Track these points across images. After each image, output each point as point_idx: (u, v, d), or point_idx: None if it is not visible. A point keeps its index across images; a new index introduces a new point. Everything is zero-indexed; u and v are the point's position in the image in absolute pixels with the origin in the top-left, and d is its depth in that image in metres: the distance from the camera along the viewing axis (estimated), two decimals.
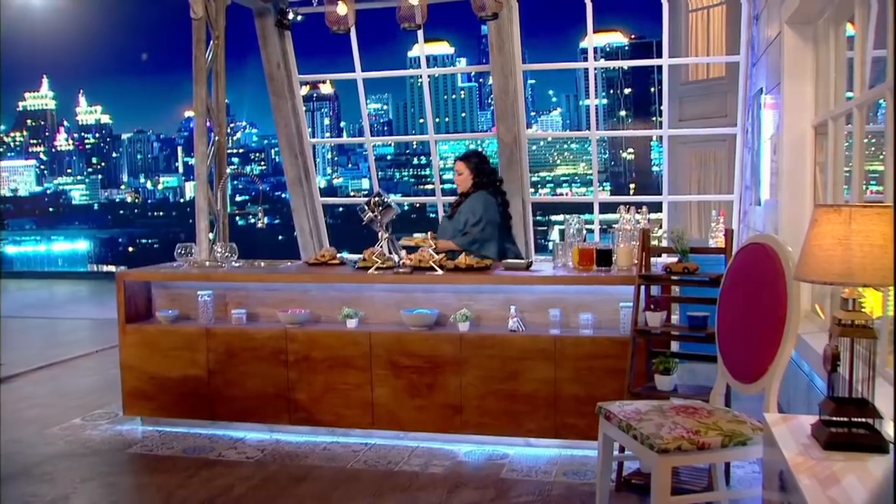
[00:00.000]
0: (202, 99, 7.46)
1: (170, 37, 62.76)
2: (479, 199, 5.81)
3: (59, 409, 5.89)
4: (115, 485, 4.38)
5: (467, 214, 5.79)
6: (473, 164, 5.96)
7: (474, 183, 5.93)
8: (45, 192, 23.86)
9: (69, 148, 26.86)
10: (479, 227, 5.72)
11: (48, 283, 15.47)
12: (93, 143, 27.23)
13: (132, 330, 5.24)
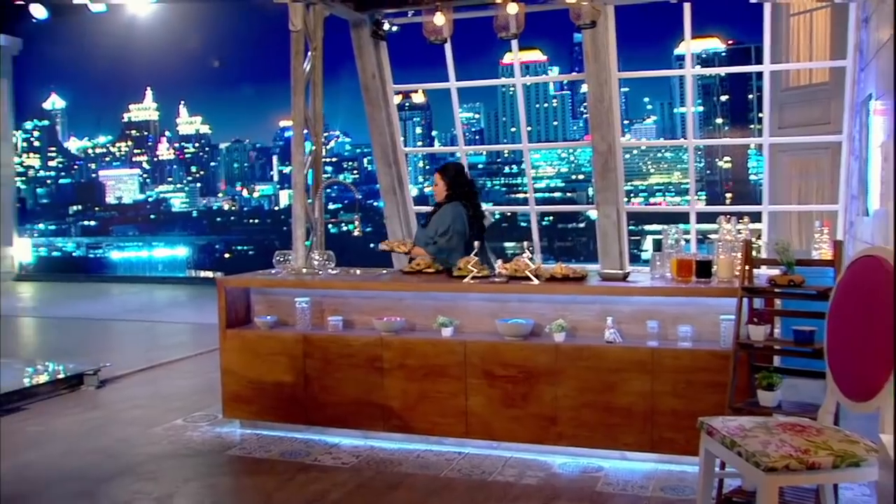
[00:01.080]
0: (300, 109, 7.62)
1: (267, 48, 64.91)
2: (449, 211, 6.04)
3: (161, 410, 6.09)
4: (216, 486, 4.51)
5: (437, 224, 6.04)
6: (450, 176, 6.19)
7: (448, 194, 6.15)
8: (147, 200, 24.99)
9: (170, 157, 28.02)
10: (445, 237, 5.95)
11: (149, 288, 16.03)
12: (192, 153, 28.33)
13: (232, 335, 5.39)
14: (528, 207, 10.98)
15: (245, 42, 27.34)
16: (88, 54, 19.45)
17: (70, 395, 6.56)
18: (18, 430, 5.59)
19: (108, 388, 6.85)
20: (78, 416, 5.97)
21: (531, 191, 11.21)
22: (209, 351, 8.30)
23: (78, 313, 11.95)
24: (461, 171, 6.35)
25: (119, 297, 14.70)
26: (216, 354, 7.92)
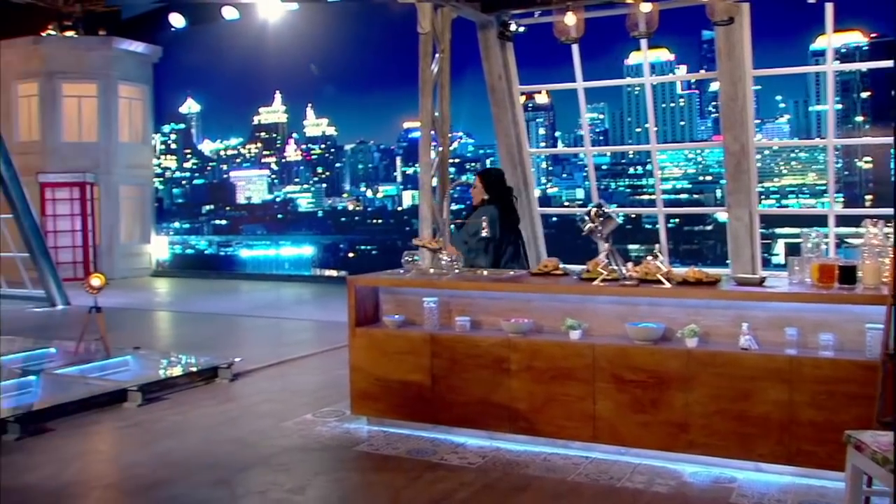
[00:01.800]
0: (427, 111, 7.74)
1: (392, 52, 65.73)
2: (484, 214, 6.28)
3: (291, 404, 6.30)
4: (345, 480, 4.63)
5: (471, 226, 6.36)
6: (488, 181, 6.56)
7: (484, 198, 6.50)
8: (275, 200, 25.88)
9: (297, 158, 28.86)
10: (476, 238, 6.28)
11: (276, 285, 16.60)
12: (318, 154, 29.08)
13: (361, 333, 5.52)
14: (654, 209, 10.77)
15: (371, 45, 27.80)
16: (222, 60, 20.51)
17: (205, 388, 6.88)
18: (160, 418, 5.90)
19: (241, 381, 7.13)
20: (213, 407, 6.25)
21: (658, 192, 10.99)
22: (334, 348, 8.54)
23: (209, 309, 12.51)
24: (501, 177, 6.71)
25: (248, 293, 15.29)
26: (342, 352, 8.15)
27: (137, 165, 19.28)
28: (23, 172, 13.43)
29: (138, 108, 19.40)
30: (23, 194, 13.06)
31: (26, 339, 9.09)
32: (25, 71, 18.19)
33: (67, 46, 18.11)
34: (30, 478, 4.66)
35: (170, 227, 18.00)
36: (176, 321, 11.88)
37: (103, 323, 7.67)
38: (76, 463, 4.99)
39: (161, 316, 12.45)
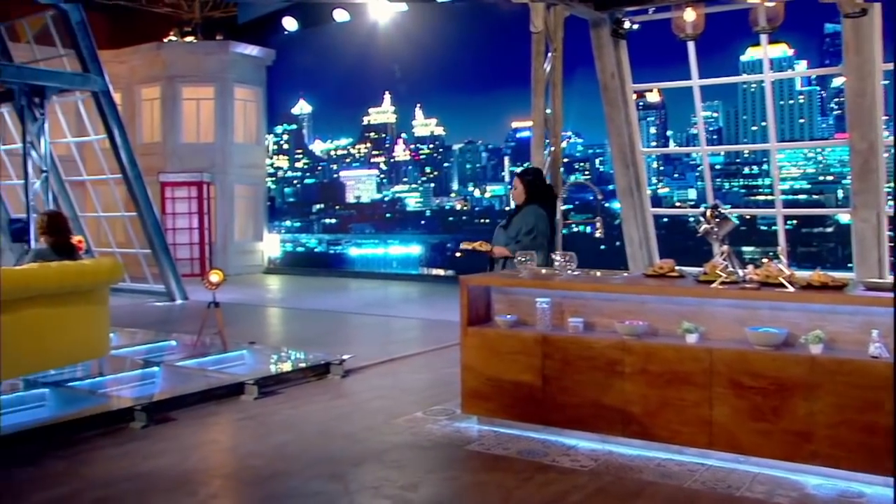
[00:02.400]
0: (540, 110, 7.72)
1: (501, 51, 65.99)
2: (532, 212, 6.54)
3: (401, 402, 6.39)
4: (457, 479, 4.67)
5: (520, 225, 6.52)
6: (528, 180, 6.69)
7: (527, 198, 6.63)
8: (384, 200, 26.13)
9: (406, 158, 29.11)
10: (530, 236, 6.43)
11: (384, 284, 16.85)
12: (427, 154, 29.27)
13: (473, 332, 5.55)
14: (772, 210, 10.43)
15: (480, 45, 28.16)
16: (333, 62, 21.10)
17: (318, 383, 7.05)
18: (275, 411, 6.08)
19: (352, 377, 7.27)
20: (326, 402, 6.40)
21: (777, 193, 10.64)
22: (443, 347, 8.62)
23: (319, 306, 12.81)
24: (539, 175, 6.84)
25: (357, 291, 15.58)
26: (450, 350, 8.23)
27: (251, 165, 19.93)
28: (145, 172, 14.06)
29: (252, 109, 20.04)
30: (146, 193, 13.68)
31: (147, 331, 9.53)
32: (149, 75, 19.05)
33: (187, 51, 18.87)
34: (156, 464, 4.88)
35: (281, 226, 18.54)
36: (287, 317, 12.22)
37: (221, 318, 7.96)
38: (197, 452, 5.20)
39: (273, 312, 12.82)
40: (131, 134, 14.19)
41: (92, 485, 4.55)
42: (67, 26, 12.99)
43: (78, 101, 15.55)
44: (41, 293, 5.87)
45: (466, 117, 19.05)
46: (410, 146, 19.80)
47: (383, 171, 19.82)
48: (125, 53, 18.72)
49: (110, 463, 4.93)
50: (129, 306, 12.43)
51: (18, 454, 5.02)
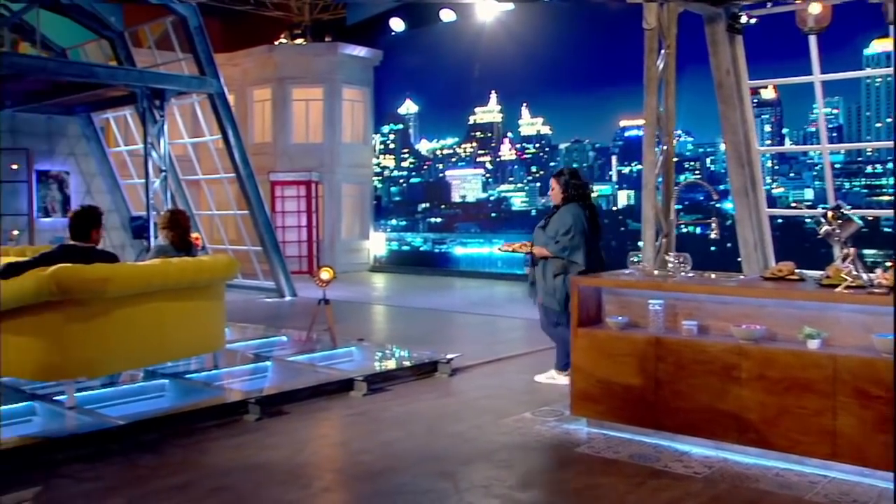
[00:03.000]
0: (652, 108, 7.59)
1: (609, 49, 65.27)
2: (569, 212, 6.70)
3: (509, 402, 6.39)
4: (567, 481, 4.64)
5: (557, 225, 6.70)
6: (563, 180, 6.83)
7: (564, 197, 6.79)
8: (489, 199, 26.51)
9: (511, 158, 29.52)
10: (568, 236, 6.61)
11: (489, 283, 16.88)
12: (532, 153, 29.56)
13: (583, 333, 5.51)
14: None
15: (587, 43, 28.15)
16: (439, 62, 21.42)
17: (426, 381, 7.12)
18: (384, 408, 6.18)
19: (459, 376, 7.31)
20: (434, 400, 6.46)
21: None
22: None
23: (424, 304, 12.93)
24: (575, 174, 6.98)
25: (461, 290, 15.67)
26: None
27: (358, 165, 20.31)
28: (256, 172, 14.51)
29: (360, 110, 20.42)
30: (258, 192, 14.11)
31: (257, 327, 9.82)
32: (260, 77, 19.63)
33: (297, 53, 19.37)
34: (270, 456, 5.03)
35: (387, 224, 18.80)
36: (393, 315, 12.39)
37: (331, 314, 8.14)
38: (309, 446, 5.33)
39: (378, 309, 13.02)
40: (243, 134, 14.67)
41: (210, 474, 4.73)
42: (186, 31, 13.53)
43: (195, 103, 16.16)
44: (162, 288, 6.14)
45: (573, 116, 18.90)
46: (516, 145, 19.80)
47: (489, 171, 19.90)
48: (238, 56, 19.36)
49: (226, 453, 5.11)
50: (240, 302, 12.84)
51: (141, 442, 5.26)
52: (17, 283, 5.46)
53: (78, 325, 5.56)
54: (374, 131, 21.33)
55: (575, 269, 6.57)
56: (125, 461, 4.94)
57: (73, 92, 13.77)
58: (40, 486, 4.51)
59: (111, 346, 5.79)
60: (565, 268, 6.67)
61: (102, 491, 4.43)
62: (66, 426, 5.50)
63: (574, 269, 6.57)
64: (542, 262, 6.83)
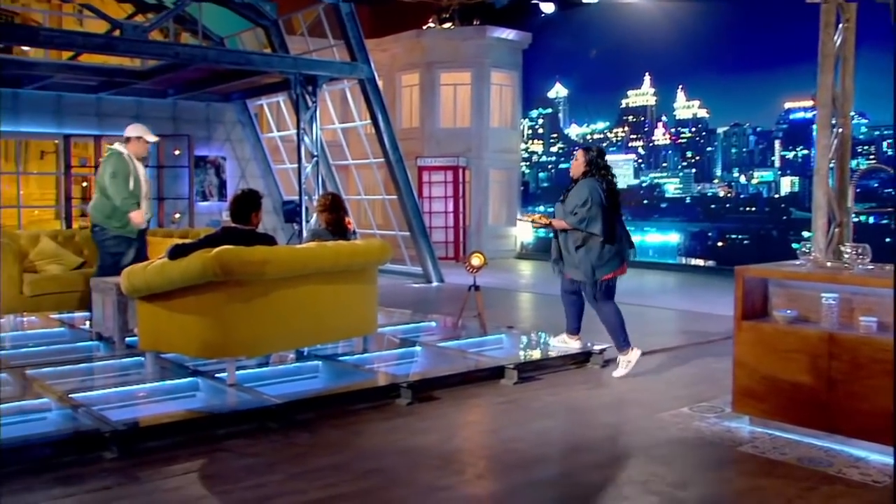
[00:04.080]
0: (827, 87, 7.21)
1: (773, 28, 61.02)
2: (586, 185, 6.93)
3: (664, 395, 6.26)
4: (730, 481, 4.51)
5: (575, 198, 6.92)
6: (591, 156, 7.03)
7: (584, 172, 7.02)
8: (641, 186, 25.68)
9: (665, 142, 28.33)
10: (585, 207, 6.80)
11: (639, 273, 16.52)
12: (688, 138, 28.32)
13: (748, 327, 5.31)
14: None
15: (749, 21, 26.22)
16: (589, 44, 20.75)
17: (577, 371, 7.07)
18: (535, 397, 6.18)
19: (612, 367, 7.21)
20: (586, 391, 6.41)
21: None
22: (707, 341, 8.36)
23: None
24: (602, 153, 7.16)
25: None
26: (715, 345, 8.00)
27: (506, 150, 20.33)
28: (404, 157, 14.75)
29: (508, 94, 20.40)
30: (406, 177, 14.37)
31: (405, 312, 10.00)
32: (408, 62, 19.95)
33: (445, 37, 19.56)
34: (422, 440, 5.13)
35: (535, 211, 18.80)
36: (541, 303, 12.34)
37: (481, 301, 8.20)
38: (461, 432, 5.40)
39: (526, 297, 13.01)
40: (392, 119, 14.94)
41: (364, 455, 4.86)
42: (338, 18, 13.90)
43: (346, 89, 16.60)
44: (318, 271, 6.36)
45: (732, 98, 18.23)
46: (671, 130, 19.30)
47: (641, 156, 19.52)
48: (386, 42, 19.74)
49: (380, 436, 5.24)
50: (387, 286, 13.11)
51: (297, 420, 5.47)
52: (183, 264, 5.79)
53: (239, 306, 5.84)
54: (522, 116, 21.30)
55: (594, 241, 6.85)
56: (283, 439, 5.15)
57: (231, 79, 14.42)
58: (205, 458, 4.77)
59: (269, 327, 6.06)
60: (585, 240, 6.90)
61: (263, 466, 4.63)
62: (227, 402, 5.78)
63: (594, 241, 6.86)
64: (564, 235, 7.05)
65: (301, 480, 4.43)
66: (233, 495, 4.23)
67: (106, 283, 7.43)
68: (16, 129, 14.66)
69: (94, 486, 4.31)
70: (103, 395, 5.88)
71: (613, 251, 6.92)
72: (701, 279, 15.05)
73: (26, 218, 16.32)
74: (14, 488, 4.25)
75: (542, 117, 18.62)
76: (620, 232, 7.03)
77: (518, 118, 21.10)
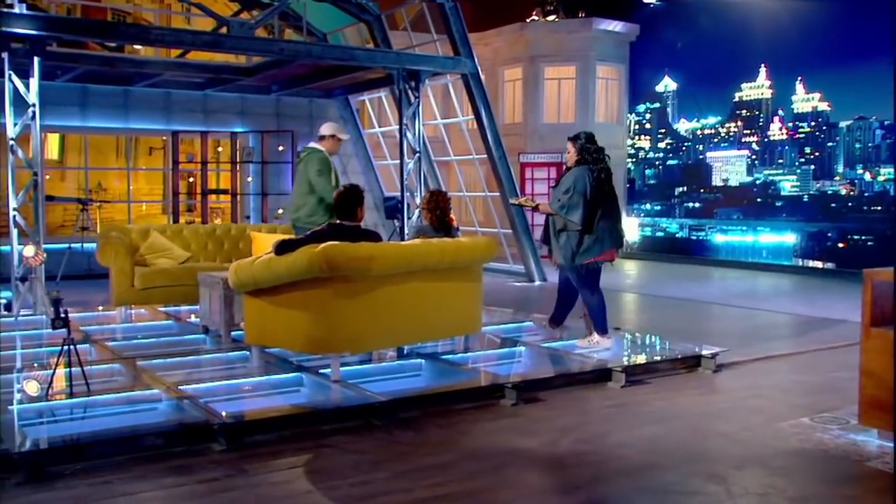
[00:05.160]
0: None
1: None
2: (574, 173, 7.35)
3: (782, 404, 6.08)
4: (857, 499, 4.34)
5: (564, 186, 7.36)
6: (579, 144, 7.44)
7: (577, 160, 7.42)
8: (754, 183, 24.71)
9: (782, 138, 27.26)
10: (567, 195, 7.24)
11: (751, 274, 16.11)
12: (807, 133, 27.14)
13: (877, 334, 5.10)
14: None
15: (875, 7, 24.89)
16: (701, 35, 20.14)
17: (688, 375, 6.93)
18: (644, 402, 6.08)
19: (725, 373, 7.05)
20: (698, 397, 6.27)
21: None
22: (828, 348, 8.08)
23: (679, 294, 12.56)
24: (590, 139, 7.54)
25: (720, 281, 15.09)
26: (837, 352, 7.74)
27: (611, 146, 19.85)
28: (507, 153, 14.72)
29: (614, 88, 20.17)
30: (510, 174, 14.35)
31: (506, 311, 10.00)
32: (511, 56, 19.92)
33: (549, 30, 19.48)
34: (529, 442, 5.11)
35: (640, 209, 18.50)
36: (647, 304, 12.16)
37: None
38: (568, 435, 5.35)
39: (631, 298, 12.82)
40: (494, 115, 14.93)
41: (469, 455, 4.88)
42: (441, 12, 13.98)
43: (448, 84, 16.68)
44: (423, 268, 6.41)
45: (857, 90, 17.55)
46: (788, 124, 18.69)
47: (755, 152, 18.98)
48: (489, 36, 19.76)
49: (486, 437, 5.25)
50: (489, 285, 13.04)
51: (400, 418, 5.52)
52: (290, 260, 5.92)
53: (344, 302, 5.94)
54: (628, 111, 21.02)
55: (572, 228, 7.26)
56: (387, 436, 5.21)
57: (334, 75, 14.67)
58: (310, 453, 4.87)
59: (374, 323, 6.14)
60: (566, 226, 7.33)
61: (368, 464, 4.70)
62: (332, 398, 5.89)
63: (571, 228, 7.26)
64: (552, 219, 7.51)
65: (407, 479, 4.47)
66: (339, 491, 4.30)
67: (213, 278, 7.67)
68: (126, 125, 15.29)
69: (204, 476, 4.46)
70: (210, 388, 6.08)
71: (593, 238, 7.29)
72: (818, 282, 14.54)
73: (134, 213, 16.96)
74: (128, 476, 4.43)
75: (650, 112, 18.29)
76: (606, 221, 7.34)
77: (624, 113, 20.83)
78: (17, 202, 9.95)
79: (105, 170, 20.84)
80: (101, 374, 6.38)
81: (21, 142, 10.03)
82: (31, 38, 9.85)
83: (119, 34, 12.34)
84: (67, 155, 21.81)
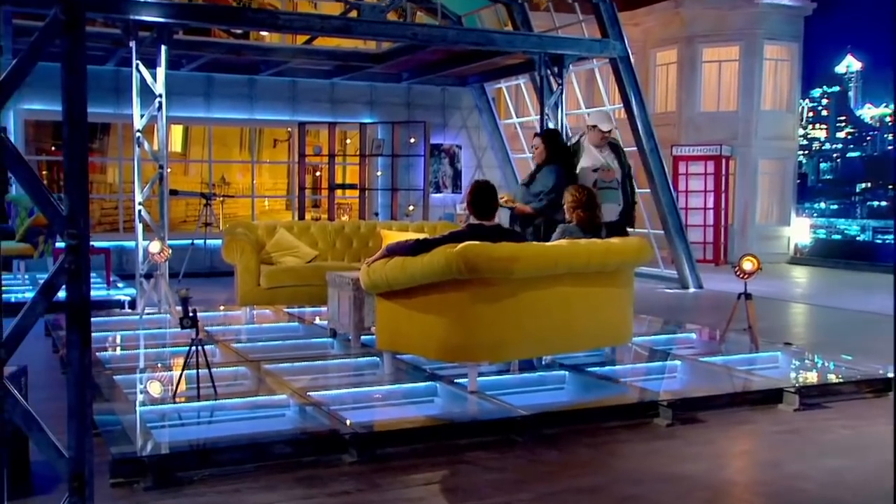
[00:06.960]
0: None
1: None
2: (553, 172, 7.99)
3: None
4: None
5: (542, 184, 7.99)
6: (550, 140, 8.18)
7: (547, 157, 8.08)
8: None
9: None
10: (552, 195, 7.81)
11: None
12: None
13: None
14: None
15: None
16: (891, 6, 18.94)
17: (875, 401, 6.58)
18: (824, 428, 5.83)
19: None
20: (890, 426, 5.96)
21: None
22: None
23: (862, 306, 11.98)
24: (558, 136, 8.63)
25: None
26: None
27: (780, 136, 19.43)
28: (659, 145, 14.44)
29: (785, 70, 19.51)
30: (662, 168, 14.08)
31: (657, 320, 9.83)
32: (664, 37, 19.55)
33: (709, 6, 18.96)
34: (689, 468, 4.99)
35: (813, 208, 17.76)
36: (821, 317, 11.71)
37: (753, 311, 7.87)
38: (734, 462, 5.21)
39: (802, 309, 12.39)
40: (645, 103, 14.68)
41: (620, 479, 4.81)
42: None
43: (594, 69, 16.52)
44: (569, 271, 6.35)
45: None
46: None
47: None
48: (639, 15, 19.40)
49: (639, 459, 5.16)
50: (638, 291, 12.78)
51: (543, 435, 5.49)
52: (426, 260, 5.98)
53: (484, 306, 5.96)
54: (801, 96, 20.28)
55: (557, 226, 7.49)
56: (529, 454, 5.19)
57: (469, 61, 14.78)
58: (446, 469, 4.90)
59: (516, 331, 6.13)
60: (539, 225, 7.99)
61: (509, 483, 4.69)
62: (468, 411, 5.91)
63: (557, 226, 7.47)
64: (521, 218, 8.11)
65: (552, 502, 4.44)
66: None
67: (343, 278, 7.83)
68: (251, 116, 15.84)
69: (335, 489, 4.55)
70: (338, 396, 6.21)
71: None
72: None
73: (257, 209, 17.54)
74: (257, 486, 4.57)
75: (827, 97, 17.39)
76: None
77: (796, 99, 20.11)
78: (143, 196, 10.46)
79: (229, 163, 21.63)
80: (226, 376, 6.62)
81: (146, 134, 10.54)
82: (157, 26, 10.34)
83: (246, 20, 12.79)
84: (190, 147, 22.79)
